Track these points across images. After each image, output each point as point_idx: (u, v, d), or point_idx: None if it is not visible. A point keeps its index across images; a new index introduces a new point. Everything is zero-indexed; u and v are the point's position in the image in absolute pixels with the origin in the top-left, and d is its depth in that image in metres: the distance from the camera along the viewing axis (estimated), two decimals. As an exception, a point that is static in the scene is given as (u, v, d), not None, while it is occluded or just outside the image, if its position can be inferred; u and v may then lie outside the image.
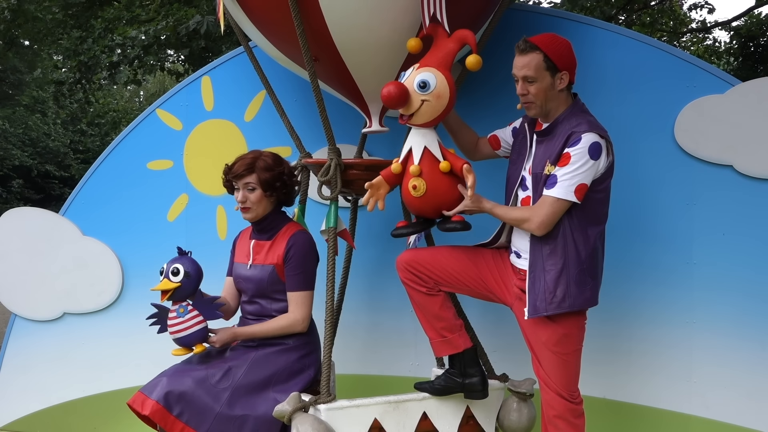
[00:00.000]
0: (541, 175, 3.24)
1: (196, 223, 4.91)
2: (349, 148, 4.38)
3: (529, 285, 3.27)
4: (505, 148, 3.65)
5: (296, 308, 3.58)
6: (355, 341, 4.63)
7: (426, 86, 3.22)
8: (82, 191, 5.09)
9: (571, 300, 3.20)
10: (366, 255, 4.54)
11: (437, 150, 3.33)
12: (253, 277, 3.65)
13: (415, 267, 3.47)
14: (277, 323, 3.58)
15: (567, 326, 3.27)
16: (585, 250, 3.21)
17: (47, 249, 5.07)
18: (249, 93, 4.82)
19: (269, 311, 3.65)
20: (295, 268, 3.58)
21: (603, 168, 3.20)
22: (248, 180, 3.61)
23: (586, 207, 3.20)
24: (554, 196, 3.15)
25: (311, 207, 4.02)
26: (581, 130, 3.15)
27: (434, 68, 3.26)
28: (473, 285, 3.51)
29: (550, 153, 3.23)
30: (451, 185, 3.32)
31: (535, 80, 3.23)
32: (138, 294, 4.93)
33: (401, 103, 3.22)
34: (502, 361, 4.01)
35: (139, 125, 5.01)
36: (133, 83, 12.74)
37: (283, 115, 4.10)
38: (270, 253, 3.64)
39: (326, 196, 3.76)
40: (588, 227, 3.22)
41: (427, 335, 3.55)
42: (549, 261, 3.22)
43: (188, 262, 3.50)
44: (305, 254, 3.61)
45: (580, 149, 3.12)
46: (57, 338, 5.07)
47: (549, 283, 3.21)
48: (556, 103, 3.28)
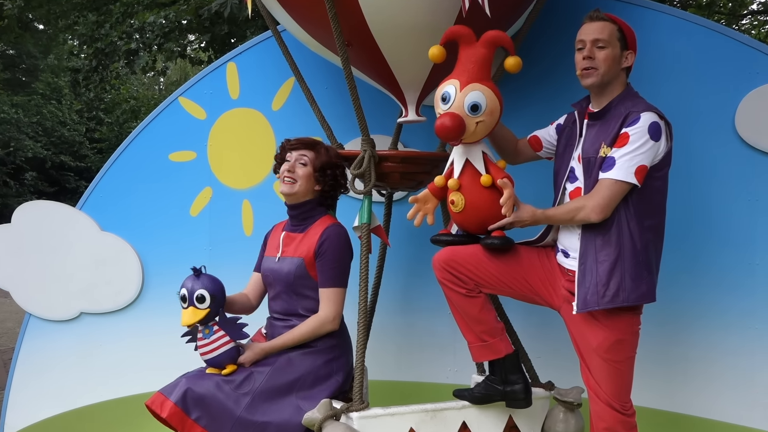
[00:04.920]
0: (595, 159, 3.22)
1: (220, 218, 4.94)
2: (384, 139, 4.38)
3: (579, 277, 3.24)
4: (548, 148, 3.63)
5: (327, 305, 3.58)
6: (389, 345, 4.64)
7: (478, 108, 3.20)
8: (100, 184, 5.14)
9: (625, 294, 3.16)
10: (401, 253, 4.54)
11: (480, 163, 3.31)
12: (280, 271, 3.67)
13: (453, 266, 3.44)
14: (306, 327, 3.57)
15: (620, 331, 3.23)
16: (641, 241, 3.18)
17: (63, 245, 5.11)
18: (277, 80, 4.84)
19: (296, 309, 3.65)
20: (328, 262, 3.58)
21: (663, 152, 3.19)
22: (304, 153, 3.68)
23: (644, 195, 3.18)
24: (613, 177, 3.13)
25: (343, 202, 4.01)
26: (639, 109, 3.16)
27: (479, 84, 3.21)
28: (517, 286, 3.49)
29: (605, 135, 3.22)
30: (493, 200, 3.28)
31: (606, 46, 3.24)
32: (159, 293, 4.98)
33: (459, 135, 3.20)
34: (548, 368, 4.00)
35: (161, 114, 5.05)
36: (153, 71, 12.81)
37: (313, 104, 4.11)
38: (300, 245, 3.65)
39: (359, 190, 3.76)
40: (645, 217, 3.20)
41: (465, 339, 3.53)
42: (602, 252, 3.19)
43: (209, 283, 3.48)
44: (339, 248, 3.61)
45: (639, 128, 3.12)
46: (73, 339, 5.11)
47: (602, 276, 3.18)
48: (615, 81, 3.29)
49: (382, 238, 3.97)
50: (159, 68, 13.53)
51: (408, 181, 3.90)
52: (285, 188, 3.67)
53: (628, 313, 3.24)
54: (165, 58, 12.21)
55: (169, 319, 4.66)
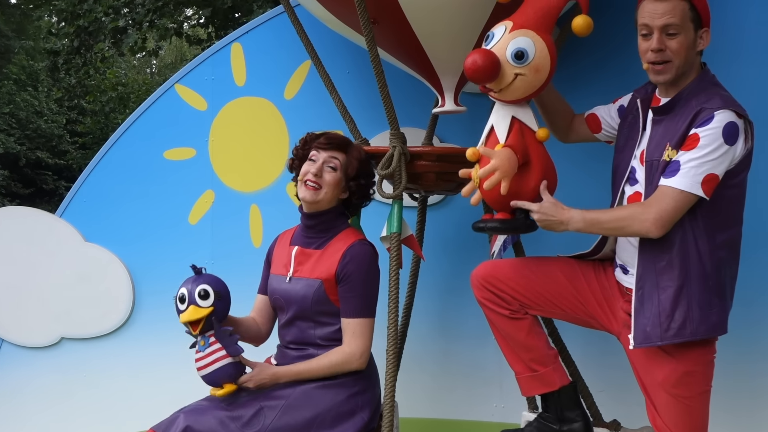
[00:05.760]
0: (658, 162, 3.14)
1: (224, 227, 4.97)
2: (417, 133, 4.39)
3: (636, 304, 3.18)
4: (607, 131, 3.57)
5: (353, 339, 3.54)
6: (424, 377, 4.64)
7: (523, 57, 3.14)
8: (83, 187, 5.18)
9: (693, 326, 3.10)
10: (438, 267, 4.55)
11: (531, 119, 3.26)
12: (294, 294, 3.63)
13: (494, 284, 3.44)
14: (328, 360, 3.54)
15: (690, 362, 3.18)
16: (711, 262, 3.11)
17: (40, 259, 5.15)
18: (290, 64, 4.86)
19: (312, 338, 3.63)
20: (353, 289, 3.54)
21: (740, 156, 3.09)
22: (336, 155, 3.62)
23: (715, 206, 3.10)
24: (675, 187, 3.04)
25: (369, 207, 4.03)
26: (713, 107, 3.05)
27: (532, 31, 3.17)
28: (568, 307, 3.46)
29: (671, 134, 3.14)
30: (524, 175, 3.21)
31: (678, 32, 3.11)
32: (152, 315, 5.01)
33: (490, 78, 3.15)
34: (613, 404, 3.99)
35: (154, 105, 5.09)
36: (144, 51, 12.89)
37: (332, 92, 4.13)
38: (319, 265, 3.61)
39: (388, 193, 3.77)
40: (716, 232, 3.12)
41: (512, 369, 3.53)
42: (664, 275, 3.13)
43: (213, 280, 3.51)
44: (366, 271, 3.58)
45: (712, 130, 3.02)
46: (53, 369, 5.15)
47: (664, 305, 3.12)
48: (689, 69, 3.19)
49: (415, 250, 3.97)
50: (151, 48, 13.62)
51: (445, 182, 3.91)
52: (308, 194, 3.60)
53: (699, 343, 3.17)
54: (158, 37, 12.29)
55: (163, 345, 4.70)
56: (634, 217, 3.10)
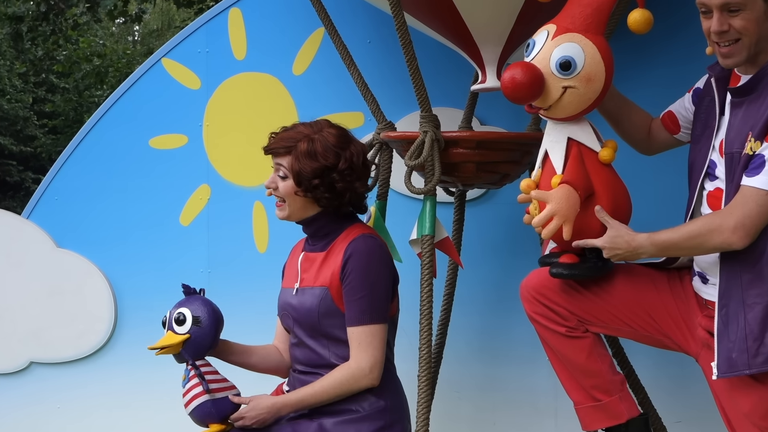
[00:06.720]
0: (740, 155, 3.11)
1: (222, 229, 5.00)
2: (452, 114, 4.40)
3: (719, 326, 3.17)
4: (686, 127, 3.53)
5: (359, 352, 3.49)
6: (464, 405, 4.66)
7: (570, 66, 3.12)
8: (54, 181, 5.21)
9: None
10: (479, 276, 4.57)
11: (591, 138, 3.26)
12: (299, 308, 3.62)
13: (548, 296, 3.43)
14: (333, 379, 3.51)
15: (781, 390, 3.20)
16: None
17: (4, 269, 5.20)
18: (299, 33, 4.88)
19: (326, 358, 3.60)
20: (355, 290, 3.50)
21: None
22: (280, 162, 3.58)
23: None
24: (759, 187, 3.02)
25: (396, 204, 4.05)
26: None
27: (579, 34, 3.15)
28: (637, 324, 3.45)
29: (753, 121, 3.10)
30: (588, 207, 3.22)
31: (741, 7, 3.06)
32: (136, 335, 5.01)
33: (533, 95, 3.14)
34: (691, 438, 4.00)
35: (138, 83, 5.11)
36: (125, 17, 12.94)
37: (350, 66, 4.15)
38: (322, 269, 3.60)
39: (418, 188, 3.77)
40: None
41: (570, 398, 3.53)
42: (751, 290, 3.11)
43: (199, 304, 3.55)
44: (370, 268, 3.52)
45: None
46: (20, 398, 5.18)
47: (752, 325, 3.09)
48: (766, 44, 3.16)
49: (452, 255, 3.99)
50: (133, 13, 13.67)
51: (487, 173, 3.91)
52: (277, 212, 3.65)
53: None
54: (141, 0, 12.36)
55: (150, 371, 4.72)
56: (711, 229, 3.08)
